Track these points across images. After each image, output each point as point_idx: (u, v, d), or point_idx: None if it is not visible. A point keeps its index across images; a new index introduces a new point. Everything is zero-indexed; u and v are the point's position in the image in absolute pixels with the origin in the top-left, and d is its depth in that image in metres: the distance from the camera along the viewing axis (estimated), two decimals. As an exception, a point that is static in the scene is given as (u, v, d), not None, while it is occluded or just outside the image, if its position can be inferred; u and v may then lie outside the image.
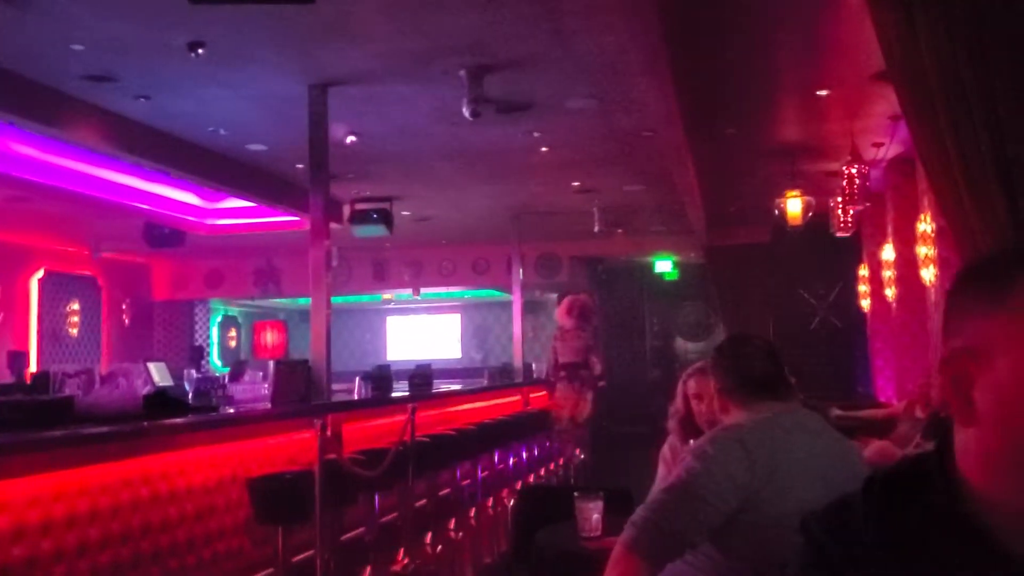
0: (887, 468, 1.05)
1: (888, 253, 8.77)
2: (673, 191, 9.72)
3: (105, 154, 7.62)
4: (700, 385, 3.22)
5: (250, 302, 17.19)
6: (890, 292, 8.84)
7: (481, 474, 7.20)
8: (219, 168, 8.29)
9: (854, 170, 7.69)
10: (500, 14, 5.14)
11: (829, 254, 11.68)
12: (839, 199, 8.43)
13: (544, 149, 8.32)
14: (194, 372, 7.18)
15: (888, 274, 8.82)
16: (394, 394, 7.15)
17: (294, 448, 5.13)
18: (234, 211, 11.06)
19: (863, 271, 10.51)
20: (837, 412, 7.37)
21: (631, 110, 6.97)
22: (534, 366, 12.31)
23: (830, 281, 12.85)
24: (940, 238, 6.63)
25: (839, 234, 9.04)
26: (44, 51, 5.62)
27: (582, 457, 10.14)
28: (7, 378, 9.44)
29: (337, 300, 11.59)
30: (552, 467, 9.55)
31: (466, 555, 6.41)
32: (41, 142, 7.54)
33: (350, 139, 7.47)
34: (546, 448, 9.32)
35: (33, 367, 11.33)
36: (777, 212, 9.09)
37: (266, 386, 6.29)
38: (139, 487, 4.06)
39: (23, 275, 12.48)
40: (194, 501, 4.44)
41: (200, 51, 5.48)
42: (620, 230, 12.63)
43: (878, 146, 8.04)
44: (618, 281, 16.27)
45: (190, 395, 5.74)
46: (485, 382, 10.38)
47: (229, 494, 4.67)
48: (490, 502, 7.26)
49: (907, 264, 8.01)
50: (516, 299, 11.94)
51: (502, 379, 10.68)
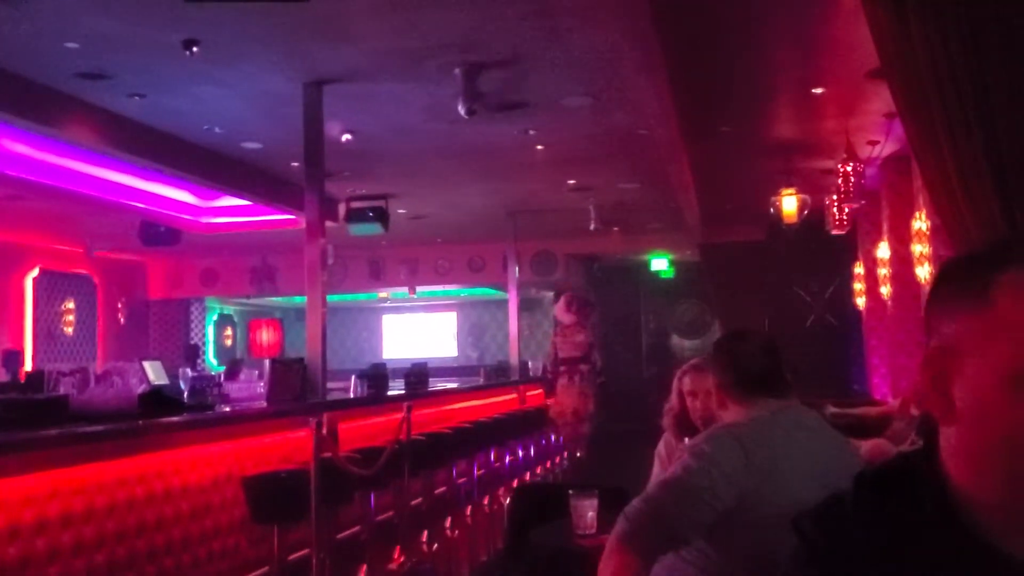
0: (877, 465, 1.06)
1: (883, 251, 8.77)
2: (668, 189, 9.72)
3: (100, 152, 7.60)
4: (695, 382, 3.22)
5: (246, 300, 17.18)
6: (885, 290, 8.83)
7: (477, 472, 7.21)
8: (214, 166, 8.27)
9: (849, 168, 7.69)
10: (495, 12, 5.14)
11: (824, 252, 11.67)
12: (834, 197, 8.43)
13: (539, 147, 8.31)
14: (189, 371, 7.18)
15: (883, 272, 8.81)
16: (390, 392, 7.16)
17: (290, 447, 5.13)
18: (229, 209, 11.04)
19: (858, 269, 10.51)
20: (832, 410, 7.36)
21: (626, 108, 6.97)
22: (530, 364, 12.34)
23: (825, 279, 12.84)
24: (935, 236, 6.63)
25: (834, 232, 9.05)
26: (38, 49, 5.60)
27: (578, 455, 10.16)
28: (2, 377, 9.41)
29: (333, 298, 11.58)
30: (548, 465, 9.55)
31: (462, 553, 6.41)
32: (35, 140, 7.53)
33: (345, 137, 7.46)
34: (542, 446, 9.33)
35: (28, 366, 11.32)
36: (772, 210, 9.09)
37: (262, 385, 6.28)
38: (134, 486, 4.06)
39: (18, 274, 12.45)
40: (190, 500, 4.44)
41: (195, 49, 5.47)
42: (616, 228, 12.63)
43: (873, 144, 8.04)
44: (614, 279, 16.27)
45: (185, 394, 5.72)
46: (481, 380, 10.40)
47: (225, 493, 4.67)
48: (486, 500, 7.26)
49: (902, 262, 8.01)
50: (512, 297, 11.94)
51: (498, 377, 10.70)
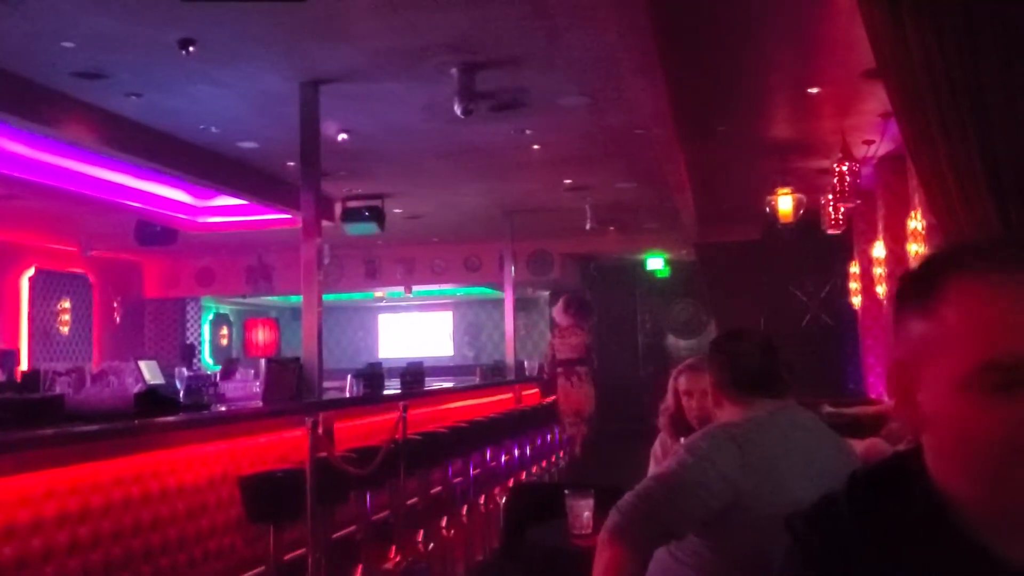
0: (870, 465, 1.06)
1: (879, 250, 8.78)
2: (665, 189, 9.73)
3: (96, 151, 7.59)
4: (691, 382, 3.22)
5: (242, 300, 17.16)
6: (881, 289, 8.85)
7: (473, 472, 7.21)
8: (210, 166, 8.27)
9: (845, 167, 7.70)
10: (491, 11, 5.14)
11: (820, 251, 11.69)
12: (830, 196, 8.44)
13: (536, 147, 8.32)
14: (185, 370, 7.16)
15: (879, 271, 8.83)
16: (386, 392, 7.16)
17: (285, 446, 5.13)
18: (225, 209, 11.02)
19: (854, 268, 10.53)
20: (828, 409, 7.37)
21: (623, 108, 6.97)
22: (526, 363, 12.33)
23: (821, 278, 12.86)
24: (931, 235, 6.64)
25: (830, 231, 9.06)
26: (34, 48, 5.59)
27: (576, 452, 10.21)
28: (-3, 376, 9.40)
29: (329, 298, 11.60)
30: (544, 464, 9.56)
31: (458, 553, 6.41)
32: (31, 139, 7.51)
33: (342, 137, 7.46)
34: (538, 446, 9.33)
35: (24, 365, 11.29)
36: (768, 209, 9.10)
37: (258, 384, 6.28)
38: (130, 486, 4.06)
39: (13, 273, 12.43)
40: (185, 499, 4.43)
41: (191, 48, 5.46)
42: (612, 228, 12.64)
43: (869, 143, 8.06)
44: (610, 278, 16.28)
45: (181, 393, 5.72)
46: (477, 380, 10.40)
47: (220, 492, 4.67)
48: (482, 500, 7.26)
49: (898, 261, 8.03)
50: (508, 297, 11.93)
51: (494, 377, 10.70)
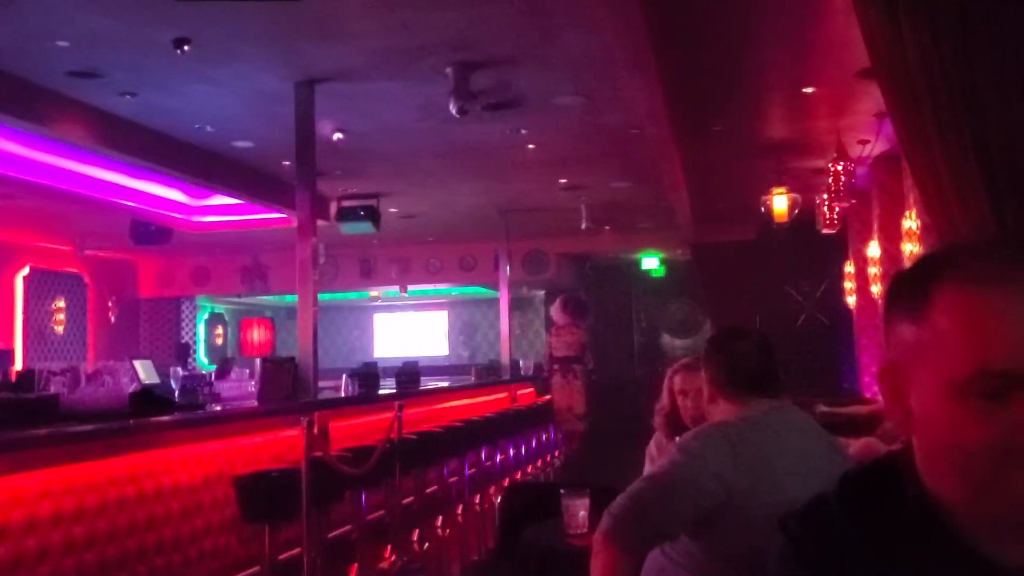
0: (862, 465, 1.06)
1: (874, 250, 8.79)
2: (660, 188, 9.74)
3: (91, 151, 7.58)
4: (686, 381, 3.22)
5: (237, 299, 17.14)
6: (876, 289, 8.85)
7: (468, 471, 7.20)
8: (205, 165, 8.26)
9: (840, 167, 7.71)
10: (486, 11, 5.14)
11: (815, 251, 11.69)
12: (825, 196, 8.45)
13: (531, 146, 8.32)
14: (180, 370, 7.16)
15: (874, 271, 8.83)
16: (381, 391, 7.16)
17: (281, 446, 5.13)
18: (220, 208, 11.01)
19: (849, 268, 10.54)
20: (823, 408, 7.38)
21: (618, 107, 6.98)
22: (521, 363, 12.33)
23: (816, 278, 12.88)
24: (925, 235, 6.65)
25: (825, 231, 9.07)
26: (29, 47, 5.58)
27: (573, 450, 10.24)
28: (-8, 376, 9.38)
29: (324, 297, 11.58)
30: (540, 464, 9.56)
31: (453, 552, 6.41)
32: (26, 139, 7.50)
33: (337, 136, 7.45)
34: (533, 445, 9.33)
35: (18, 365, 11.27)
36: (763, 209, 9.10)
37: (253, 383, 6.27)
38: (125, 485, 4.05)
39: (8, 272, 12.41)
40: (180, 499, 4.43)
41: (186, 47, 5.45)
42: (607, 227, 12.65)
43: (864, 143, 8.06)
44: (605, 278, 16.29)
45: (176, 393, 5.70)
46: (472, 379, 10.40)
47: (215, 492, 4.67)
48: (477, 499, 7.26)
49: (892, 261, 8.03)
50: (503, 296, 11.94)
51: (489, 376, 10.70)
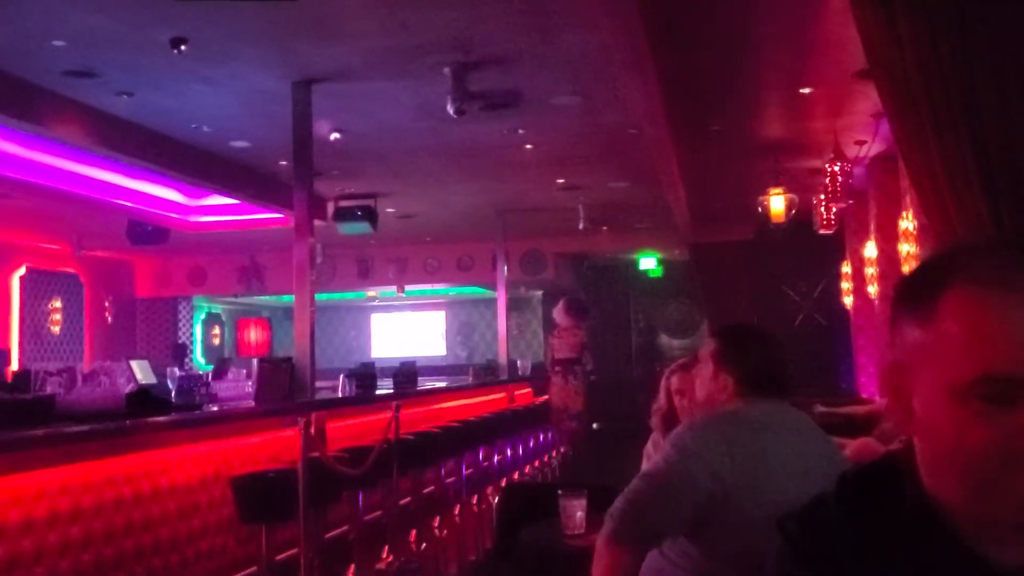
0: (860, 466, 1.06)
1: (871, 250, 8.79)
2: (657, 188, 9.73)
3: (87, 150, 7.57)
4: (683, 381, 3.21)
5: (234, 299, 17.13)
6: (873, 289, 8.86)
7: (466, 472, 7.20)
8: (202, 165, 8.25)
9: (837, 167, 7.70)
10: (484, 11, 5.14)
11: (812, 251, 11.71)
12: (822, 196, 8.44)
13: (529, 146, 8.32)
14: (177, 370, 7.14)
15: (871, 271, 8.84)
16: (378, 392, 7.16)
17: (278, 446, 5.12)
18: (217, 208, 11.00)
19: (846, 268, 10.55)
20: (820, 409, 7.38)
21: (615, 107, 6.98)
22: (519, 363, 12.33)
23: (813, 278, 12.89)
24: (922, 235, 6.65)
25: (822, 231, 9.07)
26: (25, 47, 5.57)
27: (562, 450, 10.25)
28: (-12, 376, 9.37)
29: (321, 297, 11.57)
30: (537, 464, 9.57)
31: (451, 553, 6.41)
32: (22, 138, 7.49)
33: (334, 136, 7.45)
34: (530, 445, 9.34)
35: (15, 365, 11.26)
36: (760, 209, 9.10)
37: (250, 384, 6.27)
38: (122, 486, 4.05)
39: (4, 272, 12.38)
40: (177, 500, 4.43)
41: (183, 47, 5.44)
42: (605, 227, 12.65)
43: (861, 143, 8.07)
44: (603, 278, 16.29)
45: (173, 393, 5.69)
46: (470, 379, 10.40)
47: (212, 492, 4.66)
48: (474, 500, 7.26)
49: (889, 261, 8.04)
50: (501, 296, 11.93)
51: (487, 376, 10.70)
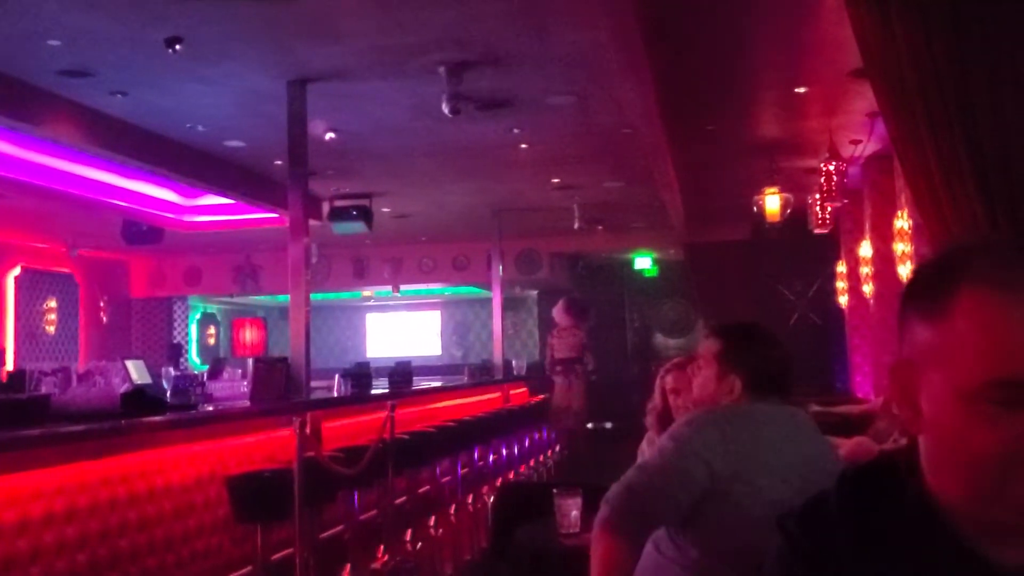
0: (860, 465, 1.06)
1: (866, 249, 8.81)
2: (653, 188, 9.74)
3: (82, 150, 7.55)
4: (678, 380, 3.22)
5: (229, 299, 17.12)
6: (868, 288, 8.87)
7: (461, 471, 7.21)
8: (197, 164, 8.24)
9: (832, 167, 7.72)
10: (479, 10, 5.14)
11: (807, 251, 11.72)
12: (817, 196, 8.46)
13: (524, 146, 8.31)
14: (172, 370, 7.14)
15: (866, 270, 8.85)
16: (374, 391, 7.15)
17: (273, 446, 5.12)
18: (212, 208, 10.99)
19: (841, 267, 10.56)
20: (815, 408, 7.40)
21: (611, 107, 6.98)
22: (514, 363, 12.34)
23: (809, 278, 12.90)
24: (917, 234, 6.67)
25: (817, 231, 9.08)
26: (20, 46, 5.56)
27: (559, 449, 10.28)
28: (-17, 376, 9.34)
29: (316, 297, 11.57)
30: (532, 463, 9.57)
31: (446, 552, 6.41)
32: (17, 138, 7.47)
33: (329, 135, 7.44)
34: (526, 445, 9.34)
35: (9, 365, 11.23)
36: (756, 209, 9.11)
37: (245, 384, 6.27)
38: (117, 486, 4.04)
39: (-1, 272, 12.38)
40: (172, 499, 4.42)
41: (178, 47, 5.43)
42: (600, 227, 12.64)
43: (856, 143, 8.08)
44: (598, 277, 16.28)
45: (168, 393, 5.69)
46: (465, 379, 10.40)
47: (208, 492, 4.66)
48: (470, 499, 7.26)
49: (884, 260, 8.06)
50: (496, 296, 11.93)
51: (482, 376, 10.70)
